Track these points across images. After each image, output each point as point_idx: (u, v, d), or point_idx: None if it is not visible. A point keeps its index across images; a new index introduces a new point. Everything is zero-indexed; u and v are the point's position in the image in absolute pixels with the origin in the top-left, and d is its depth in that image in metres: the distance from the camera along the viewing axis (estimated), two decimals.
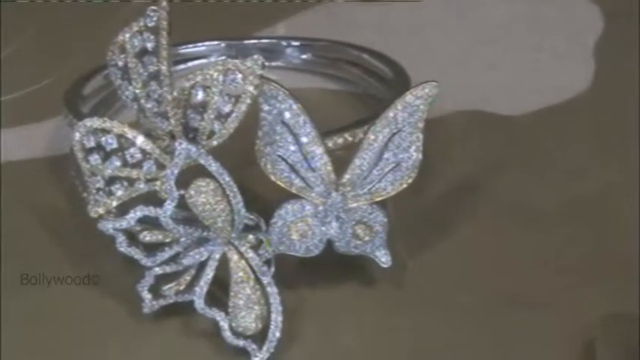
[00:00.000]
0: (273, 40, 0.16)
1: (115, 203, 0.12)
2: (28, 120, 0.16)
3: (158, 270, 0.13)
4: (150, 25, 0.13)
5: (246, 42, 0.14)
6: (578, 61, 0.19)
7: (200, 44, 0.14)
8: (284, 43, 0.16)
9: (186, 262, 0.13)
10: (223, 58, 0.13)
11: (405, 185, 0.13)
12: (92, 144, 0.13)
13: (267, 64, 0.12)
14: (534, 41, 0.19)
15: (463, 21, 0.19)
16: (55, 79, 0.15)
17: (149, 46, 0.13)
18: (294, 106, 0.12)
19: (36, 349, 0.12)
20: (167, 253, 0.13)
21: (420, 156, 0.13)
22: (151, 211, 0.12)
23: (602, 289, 0.13)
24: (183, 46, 0.14)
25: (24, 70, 0.17)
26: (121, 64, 0.13)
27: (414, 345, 0.12)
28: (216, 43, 0.14)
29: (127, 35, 0.13)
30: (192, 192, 0.12)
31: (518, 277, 0.13)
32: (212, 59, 0.13)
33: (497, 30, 0.19)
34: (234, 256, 0.13)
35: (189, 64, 0.13)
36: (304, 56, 0.16)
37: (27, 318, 0.12)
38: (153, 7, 0.13)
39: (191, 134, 0.13)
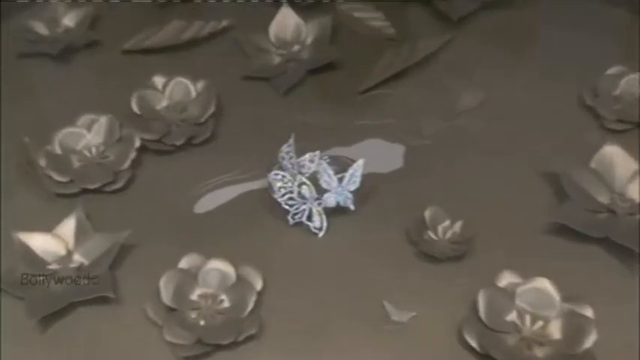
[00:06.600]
0: (322, 155, 0.41)
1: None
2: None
3: (294, 211, 0.41)
4: (289, 147, 0.41)
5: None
6: None
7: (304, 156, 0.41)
8: (325, 156, 0.41)
9: (300, 208, 0.41)
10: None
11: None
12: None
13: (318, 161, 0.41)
14: None
15: None
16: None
17: (290, 153, 0.41)
18: (327, 167, 0.41)
19: None
20: (297, 205, 0.42)
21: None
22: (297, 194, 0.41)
23: None
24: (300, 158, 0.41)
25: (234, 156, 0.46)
26: (281, 156, 0.41)
27: None
28: (309, 154, 0.41)
29: (283, 149, 0.41)
30: (303, 190, 0.41)
31: None
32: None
33: None
34: (313, 209, 0.41)
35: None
36: (329, 159, 0.41)
37: None
38: (288, 144, 0.41)
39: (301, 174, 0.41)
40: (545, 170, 0.44)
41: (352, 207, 0.42)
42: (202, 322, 0.38)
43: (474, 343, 0.37)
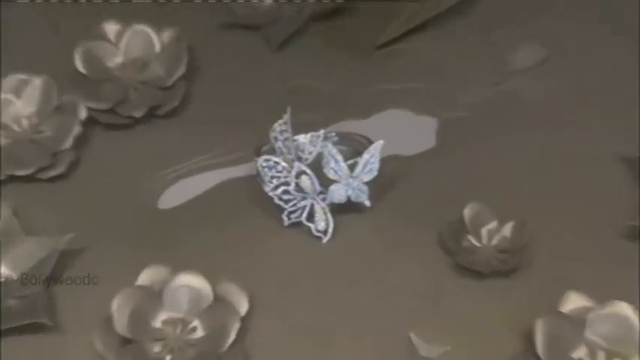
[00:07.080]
0: (328, 133, 0.40)
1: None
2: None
3: (290, 208, 0.37)
4: (283, 126, 0.37)
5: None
6: None
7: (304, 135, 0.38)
8: (332, 134, 0.40)
9: (298, 205, 0.37)
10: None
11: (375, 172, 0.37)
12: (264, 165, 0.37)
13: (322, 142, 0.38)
14: None
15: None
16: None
17: (285, 132, 0.37)
18: (333, 150, 0.37)
19: None
20: (294, 201, 0.37)
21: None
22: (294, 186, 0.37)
23: None
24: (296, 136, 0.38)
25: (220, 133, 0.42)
26: (274, 136, 0.38)
27: None
28: (310, 134, 0.38)
29: (276, 127, 0.37)
30: (302, 182, 0.37)
31: None
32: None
33: None
34: (316, 205, 0.37)
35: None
36: (336, 138, 0.40)
37: None
38: (283, 121, 0.37)
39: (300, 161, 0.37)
40: (623, 153, 0.40)
41: (367, 203, 0.38)
42: (168, 358, 0.34)
43: None
